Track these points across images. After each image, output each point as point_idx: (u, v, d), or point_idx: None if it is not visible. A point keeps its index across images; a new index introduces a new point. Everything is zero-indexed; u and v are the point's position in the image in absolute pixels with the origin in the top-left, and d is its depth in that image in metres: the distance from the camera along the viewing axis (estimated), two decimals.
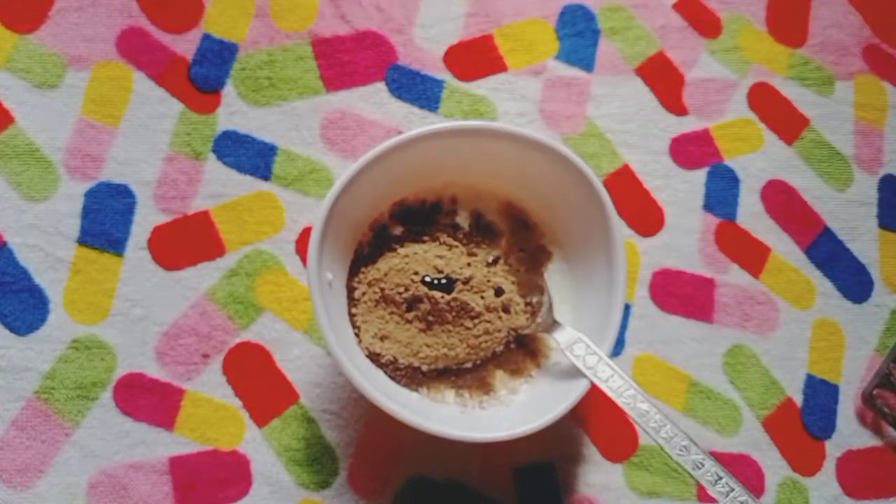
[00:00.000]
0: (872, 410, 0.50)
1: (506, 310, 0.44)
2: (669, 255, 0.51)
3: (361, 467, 0.45)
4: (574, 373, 0.41)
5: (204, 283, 0.47)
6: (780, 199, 0.53)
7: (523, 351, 0.45)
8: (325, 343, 0.46)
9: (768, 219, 0.52)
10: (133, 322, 0.46)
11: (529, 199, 0.47)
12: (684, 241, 0.51)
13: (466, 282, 0.44)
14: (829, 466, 0.49)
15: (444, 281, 0.44)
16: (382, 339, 0.43)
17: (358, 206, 0.43)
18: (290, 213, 0.48)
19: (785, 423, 0.49)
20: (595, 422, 0.48)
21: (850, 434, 0.50)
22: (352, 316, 0.44)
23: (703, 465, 0.36)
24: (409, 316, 0.43)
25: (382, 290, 0.44)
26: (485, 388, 0.44)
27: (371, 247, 0.45)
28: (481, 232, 0.47)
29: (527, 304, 0.45)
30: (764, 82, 0.54)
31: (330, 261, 0.41)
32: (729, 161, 0.53)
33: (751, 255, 0.51)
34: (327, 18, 0.51)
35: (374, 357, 0.43)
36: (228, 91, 0.49)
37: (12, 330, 0.45)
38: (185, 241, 0.47)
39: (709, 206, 0.52)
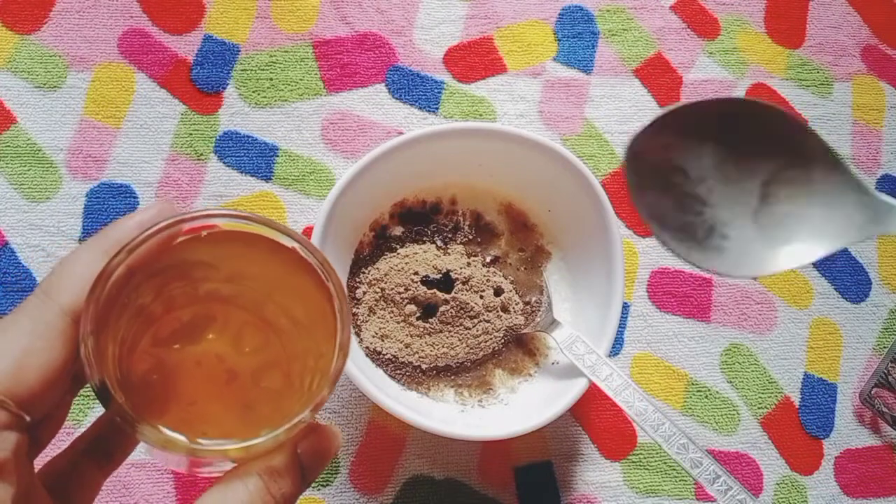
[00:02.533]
0: (870, 410, 0.50)
1: (505, 309, 0.45)
2: (667, 255, 0.51)
3: (362, 466, 0.46)
4: (573, 372, 0.41)
5: None
6: None
7: (522, 350, 0.45)
8: None
9: None
10: None
11: (528, 200, 0.47)
12: None
13: (466, 281, 0.44)
14: (827, 465, 0.49)
15: (443, 280, 0.44)
16: (383, 338, 0.44)
17: (358, 207, 0.43)
18: (291, 213, 0.48)
19: (783, 422, 0.50)
20: (594, 420, 0.48)
21: (848, 433, 0.50)
22: (352, 315, 0.44)
23: (701, 464, 0.36)
24: (420, 323, 0.44)
25: (383, 290, 0.44)
26: (484, 386, 0.44)
27: (371, 247, 0.46)
28: (481, 232, 0.47)
29: (526, 303, 0.45)
30: (762, 83, 0.54)
31: (331, 261, 0.41)
32: None
33: None
34: (328, 20, 0.51)
35: (374, 356, 0.43)
36: (230, 92, 0.50)
37: None
38: None
39: None
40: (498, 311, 0.44)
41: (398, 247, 0.45)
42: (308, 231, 0.48)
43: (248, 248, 0.24)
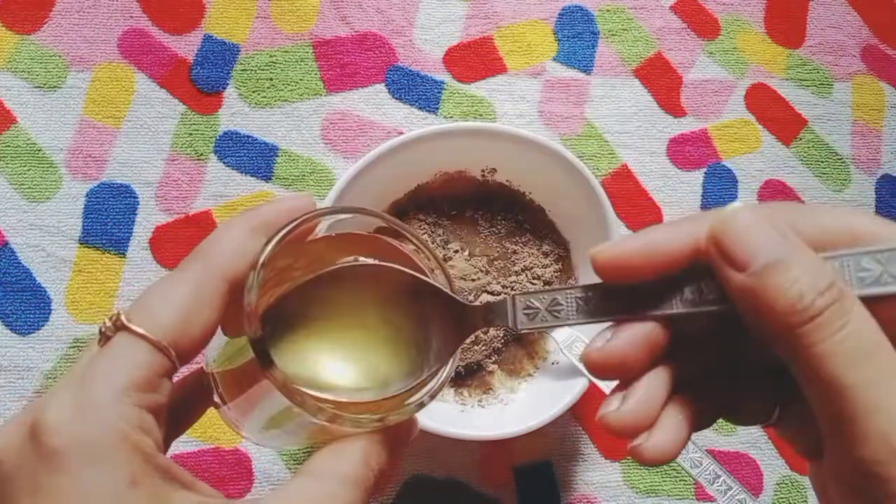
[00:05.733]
0: None
1: None
2: None
3: None
4: (573, 372, 0.41)
5: None
6: (778, 200, 0.53)
7: (522, 350, 0.45)
8: None
9: None
10: None
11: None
12: None
13: None
14: None
15: None
16: None
17: None
18: None
19: None
20: (594, 420, 0.48)
21: None
22: None
23: (700, 464, 0.36)
24: None
25: None
26: (484, 386, 0.44)
27: None
28: None
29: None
30: (762, 83, 0.54)
31: None
32: (727, 161, 0.53)
33: None
34: (328, 20, 0.51)
35: None
36: (230, 92, 0.50)
37: (14, 330, 0.45)
38: (187, 242, 0.47)
39: (707, 207, 0.52)
40: None
41: None
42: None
43: (364, 245, 0.27)
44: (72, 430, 0.20)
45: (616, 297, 0.23)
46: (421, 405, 0.24)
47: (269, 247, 0.23)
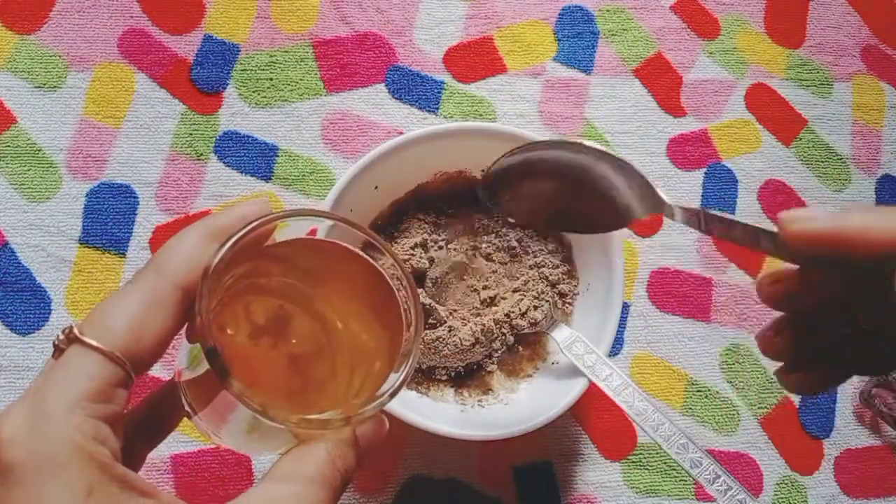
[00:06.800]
0: (870, 409, 0.50)
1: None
2: (667, 255, 0.51)
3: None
4: (573, 372, 0.41)
5: None
6: (778, 200, 0.53)
7: (522, 350, 0.45)
8: None
9: (766, 219, 0.52)
10: None
11: None
12: (682, 241, 0.51)
13: None
14: (826, 466, 0.49)
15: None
16: None
17: (358, 207, 0.43)
18: None
19: (783, 423, 0.50)
20: (594, 420, 0.48)
21: (848, 433, 0.50)
22: None
23: (700, 464, 0.36)
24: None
25: None
26: (484, 387, 0.44)
27: None
28: None
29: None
30: (762, 83, 0.54)
31: None
32: (727, 161, 0.53)
33: (748, 254, 0.51)
34: (328, 20, 0.51)
35: None
36: (230, 92, 0.50)
37: (14, 329, 0.45)
38: None
39: (707, 207, 0.52)
40: None
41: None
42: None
43: (323, 251, 0.28)
44: (27, 444, 0.20)
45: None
46: (382, 403, 0.24)
47: (220, 253, 0.23)
